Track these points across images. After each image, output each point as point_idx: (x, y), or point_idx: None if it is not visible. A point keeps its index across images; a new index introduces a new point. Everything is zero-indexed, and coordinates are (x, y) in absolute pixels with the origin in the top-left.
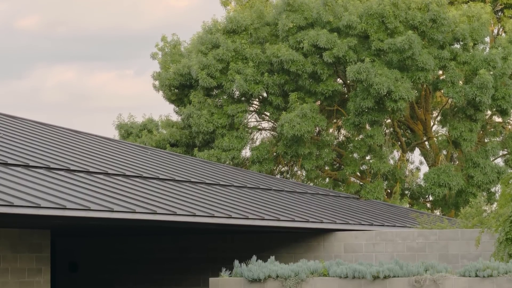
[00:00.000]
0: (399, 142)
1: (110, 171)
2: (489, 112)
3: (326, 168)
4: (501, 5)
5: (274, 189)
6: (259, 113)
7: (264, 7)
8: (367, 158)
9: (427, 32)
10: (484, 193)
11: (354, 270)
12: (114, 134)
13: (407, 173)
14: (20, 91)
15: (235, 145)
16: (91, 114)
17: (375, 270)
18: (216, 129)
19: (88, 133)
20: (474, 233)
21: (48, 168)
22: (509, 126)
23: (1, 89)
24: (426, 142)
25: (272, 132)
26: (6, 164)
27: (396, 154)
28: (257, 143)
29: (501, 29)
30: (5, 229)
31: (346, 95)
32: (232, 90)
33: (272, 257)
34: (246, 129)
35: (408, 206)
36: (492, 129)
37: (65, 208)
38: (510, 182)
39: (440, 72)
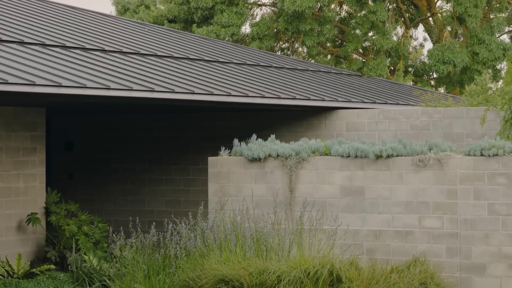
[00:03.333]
0: (402, 18)
1: (106, 48)
2: None
3: (328, 45)
4: None
5: (274, 66)
6: None
7: None
8: (370, 34)
9: None
10: (490, 70)
11: (357, 149)
12: (111, 10)
13: (410, 50)
14: None
15: (234, 21)
16: None
17: (378, 149)
18: (215, 5)
19: (84, 9)
20: (479, 111)
21: (43, 45)
22: None
23: None
24: (430, 18)
25: (272, 8)
26: (0, 41)
27: (400, 30)
28: (257, 19)
29: None
30: None
31: None
32: None
33: (273, 136)
34: (246, 4)
35: (411, 83)
36: (497, 5)
37: (60, 86)
38: None
39: None
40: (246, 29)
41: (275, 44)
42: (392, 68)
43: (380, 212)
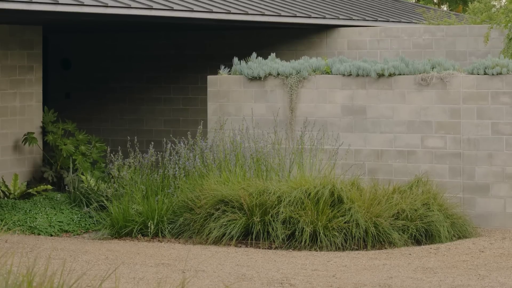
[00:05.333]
0: None
1: None
2: None
3: None
4: None
5: None
6: None
7: None
8: None
9: None
10: None
11: (358, 68)
12: None
13: None
14: None
15: None
16: None
17: (380, 67)
18: None
19: None
20: (483, 29)
21: None
22: None
23: None
24: None
25: None
26: None
27: None
28: None
29: None
30: None
31: None
32: None
33: (273, 54)
34: None
35: (414, 1)
36: None
37: (57, 3)
38: None
39: None
40: None
41: None
42: None
43: (382, 131)
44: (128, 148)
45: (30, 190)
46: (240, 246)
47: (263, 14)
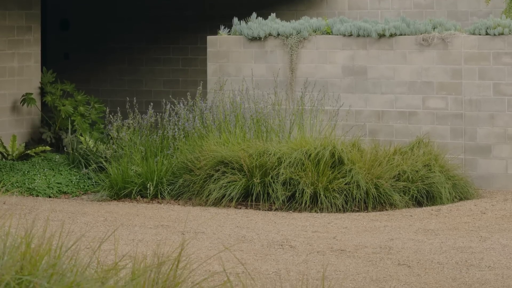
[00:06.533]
0: None
1: None
2: None
3: None
4: None
5: None
6: None
7: None
8: None
9: None
10: None
11: (359, 28)
12: None
13: None
14: None
15: None
16: None
17: (381, 27)
18: None
19: None
20: None
21: None
22: None
23: None
24: None
25: None
26: None
27: None
28: None
29: None
30: None
31: None
32: None
33: (273, 15)
34: None
35: None
36: None
37: None
38: None
39: None
40: None
41: None
42: None
43: (383, 92)
44: (127, 109)
45: (29, 151)
46: (240, 208)
47: None
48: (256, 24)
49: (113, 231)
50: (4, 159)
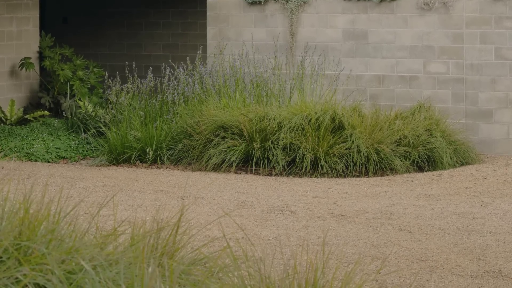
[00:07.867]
0: None
1: None
2: None
3: None
4: None
5: None
6: None
7: None
8: None
9: None
10: None
11: None
12: None
13: None
14: None
15: None
16: None
17: None
18: None
19: None
20: None
21: None
22: None
23: None
24: None
25: None
26: None
27: None
28: None
29: None
30: None
31: None
32: None
33: None
34: None
35: None
36: None
37: None
38: None
39: None
40: None
41: None
42: None
43: (384, 56)
44: (126, 74)
45: (27, 116)
46: (240, 173)
47: None
48: None
49: (112, 196)
50: (2, 124)
